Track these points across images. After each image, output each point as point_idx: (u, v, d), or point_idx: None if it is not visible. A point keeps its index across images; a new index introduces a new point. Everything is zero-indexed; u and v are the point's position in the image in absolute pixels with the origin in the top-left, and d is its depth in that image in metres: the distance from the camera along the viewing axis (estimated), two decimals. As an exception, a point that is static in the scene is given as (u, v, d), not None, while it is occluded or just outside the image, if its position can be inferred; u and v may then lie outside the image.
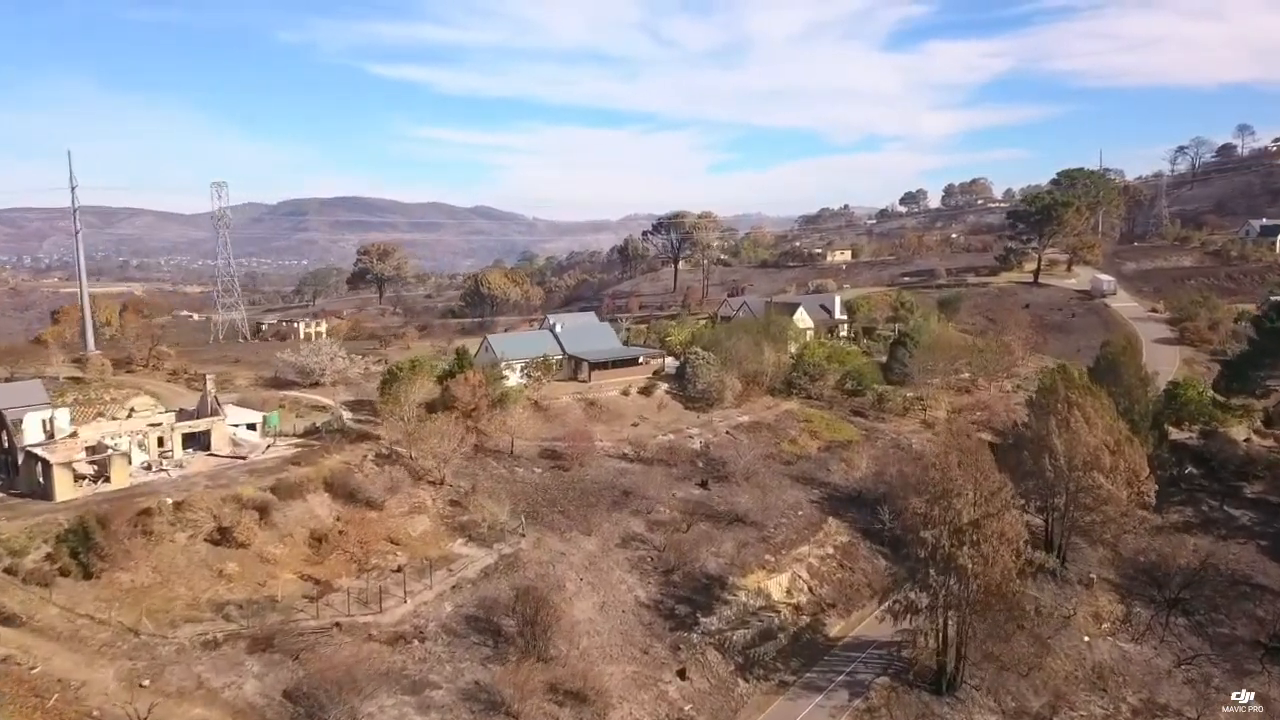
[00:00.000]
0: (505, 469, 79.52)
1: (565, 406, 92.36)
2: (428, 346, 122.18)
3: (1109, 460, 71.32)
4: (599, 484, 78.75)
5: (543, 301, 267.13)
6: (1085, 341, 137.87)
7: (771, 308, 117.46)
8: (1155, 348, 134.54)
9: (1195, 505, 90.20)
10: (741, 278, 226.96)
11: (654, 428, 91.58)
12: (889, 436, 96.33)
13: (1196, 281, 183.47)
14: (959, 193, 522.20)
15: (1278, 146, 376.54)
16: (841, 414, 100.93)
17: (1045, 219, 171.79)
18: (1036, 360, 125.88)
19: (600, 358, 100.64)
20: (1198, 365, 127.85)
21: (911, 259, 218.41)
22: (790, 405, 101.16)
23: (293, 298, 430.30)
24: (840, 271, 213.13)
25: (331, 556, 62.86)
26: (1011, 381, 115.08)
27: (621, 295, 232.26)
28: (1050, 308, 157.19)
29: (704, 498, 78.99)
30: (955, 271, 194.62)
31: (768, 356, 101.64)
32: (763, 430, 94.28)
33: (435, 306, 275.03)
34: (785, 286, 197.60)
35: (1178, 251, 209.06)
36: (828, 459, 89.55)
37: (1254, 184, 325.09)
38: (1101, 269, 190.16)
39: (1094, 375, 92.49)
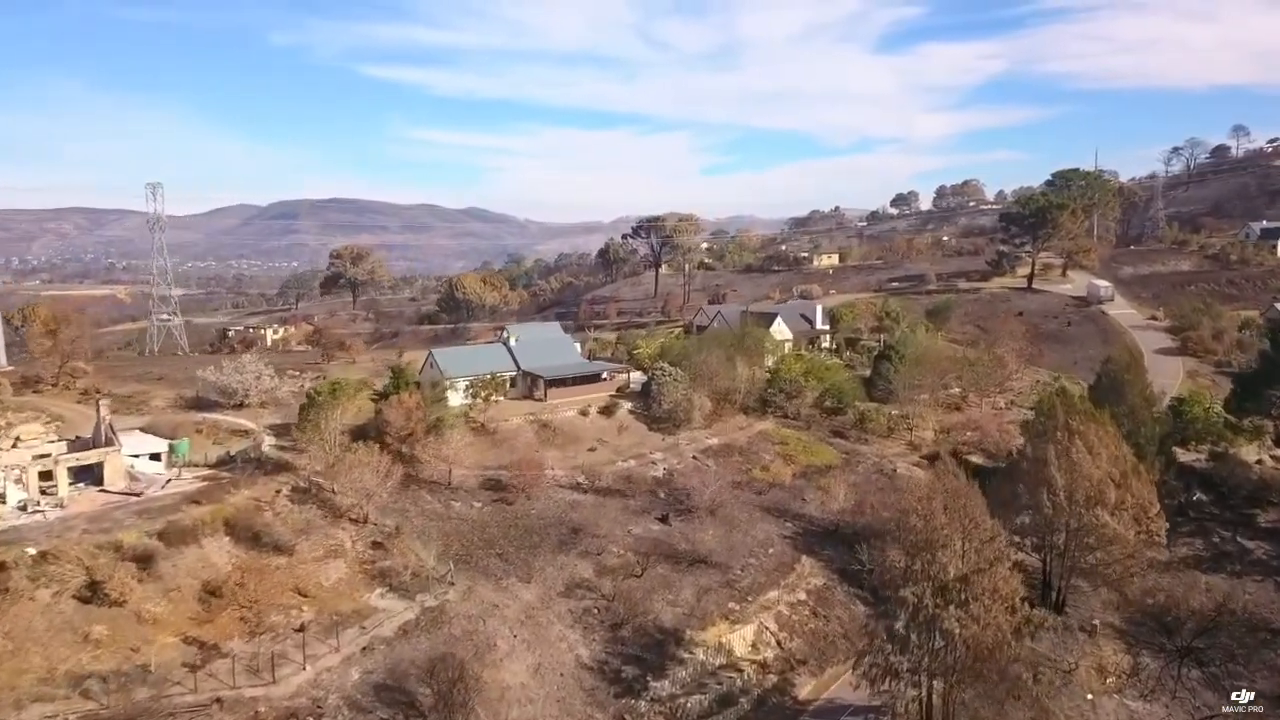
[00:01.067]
0: (441, 503, 71.35)
1: (515, 429, 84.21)
2: (376, 360, 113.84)
3: (1114, 495, 63.54)
4: (545, 520, 70.63)
5: (522, 306, 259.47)
6: (1083, 352, 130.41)
7: (747, 318, 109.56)
8: (1157, 359, 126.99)
9: (1205, 537, 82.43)
10: (725, 282, 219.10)
11: (613, 452, 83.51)
12: (871, 460, 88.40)
13: (1197, 287, 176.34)
14: (950, 194, 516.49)
15: (1273, 148, 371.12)
16: (820, 435, 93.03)
17: (1039, 221, 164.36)
18: (1031, 373, 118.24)
19: (558, 374, 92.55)
20: (1202, 378, 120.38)
21: (900, 263, 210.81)
22: (765, 425, 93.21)
23: (276, 301, 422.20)
24: (826, 276, 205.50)
25: (224, 614, 54.59)
26: (1005, 397, 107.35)
27: (601, 300, 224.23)
28: (1045, 315, 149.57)
29: (663, 535, 70.89)
30: (945, 276, 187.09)
31: (741, 372, 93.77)
32: (733, 454, 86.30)
33: (408, 312, 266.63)
34: (770, 292, 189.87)
35: (1176, 255, 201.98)
36: (803, 487, 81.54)
37: (1250, 185, 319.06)
38: (1098, 274, 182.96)
39: (1095, 394, 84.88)
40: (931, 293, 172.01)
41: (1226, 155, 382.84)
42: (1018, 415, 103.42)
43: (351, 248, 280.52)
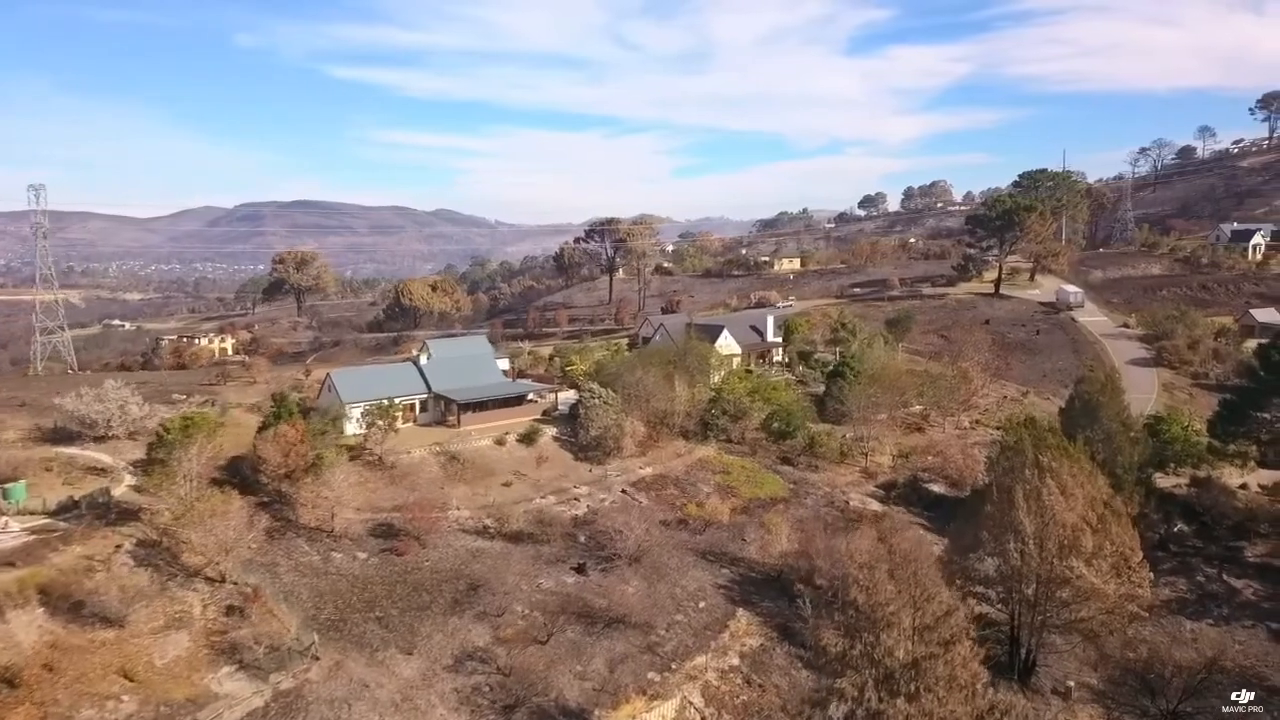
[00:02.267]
0: (319, 555, 61.68)
1: (418, 463, 74.69)
2: (281, 380, 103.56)
3: (1091, 542, 55.13)
4: (441, 573, 61.21)
5: (476, 311, 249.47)
6: (1052, 364, 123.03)
7: (691, 330, 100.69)
8: (1130, 370, 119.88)
9: (1189, 575, 74.53)
10: (683, 288, 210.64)
11: (531, 488, 74.22)
12: (822, 491, 79.75)
13: (1169, 292, 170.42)
14: (918, 196, 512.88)
15: (1238, 148, 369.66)
16: (767, 461, 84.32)
17: (1006, 224, 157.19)
18: (998, 388, 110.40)
19: (474, 396, 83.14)
20: (1179, 391, 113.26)
21: (864, 267, 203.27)
22: (706, 452, 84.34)
23: (233, 305, 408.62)
24: (787, 282, 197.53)
25: (20, 710, 44.66)
26: (969, 416, 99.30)
27: (553, 307, 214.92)
28: (1013, 323, 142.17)
29: (578, 588, 61.66)
30: (910, 281, 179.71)
31: (680, 393, 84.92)
32: (668, 486, 77.29)
33: (360, 319, 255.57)
34: (727, 298, 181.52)
35: (1146, 258, 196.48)
36: (744, 525, 72.63)
37: (1217, 187, 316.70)
38: (1067, 278, 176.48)
39: (1067, 418, 76.92)
40: (894, 299, 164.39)
41: (1192, 156, 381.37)
42: (983, 436, 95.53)
43: (295, 252, 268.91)
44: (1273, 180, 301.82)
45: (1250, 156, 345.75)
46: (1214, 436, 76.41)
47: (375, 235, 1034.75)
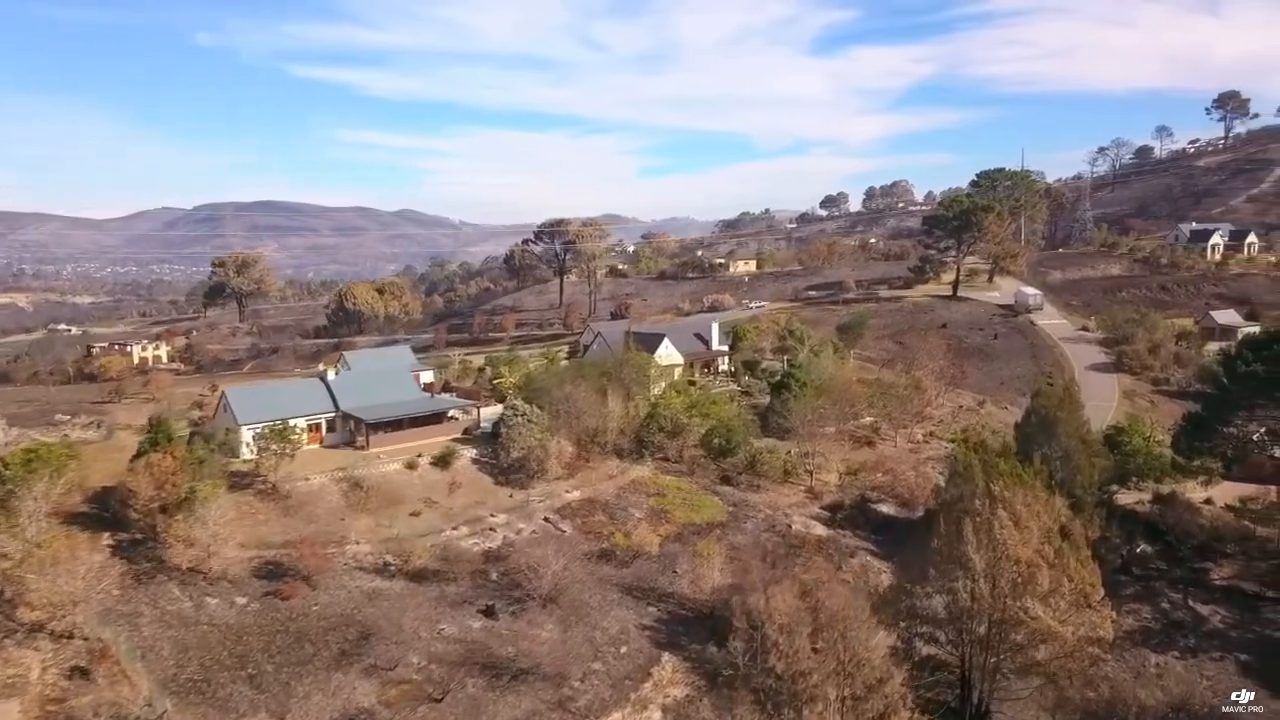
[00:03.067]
0: (191, 601, 54.85)
1: (317, 491, 67.95)
2: (185, 397, 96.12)
3: (1047, 579, 49.89)
4: (330, 620, 54.63)
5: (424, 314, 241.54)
6: (1010, 370, 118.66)
7: (630, 340, 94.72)
8: (1090, 377, 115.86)
9: (1153, 601, 69.74)
10: (636, 290, 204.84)
11: (442, 517, 67.79)
12: (763, 514, 74.10)
13: (1128, 293, 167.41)
14: (880, 196, 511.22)
15: (1195, 148, 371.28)
16: (706, 482, 78.54)
17: (963, 225, 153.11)
18: (953, 397, 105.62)
19: (386, 415, 76.49)
20: (1140, 399, 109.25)
21: (820, 269, 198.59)
22: (640, 472, 78.40)
23: (185, 308, 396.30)
24: (742, 284, 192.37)
25: None
26: (923, 428, 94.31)
27: (503, 310, 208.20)
28: (970, 327, 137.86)
29: (484, 634, 55.38)
30: (867, 284, 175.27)
31: (613, 408, 78.92)
32: (596, 513, 71.19)
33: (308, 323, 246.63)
34: (680, 302, 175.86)
35: (1105, 259, 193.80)
36: (677, 554, 66.71)
37: (1174, 186, 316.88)
38: (1026, 280, 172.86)
39: (1023, 435, 71.92)
40: (850, 302, 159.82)
41: (1150, 156, 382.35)
42: (937, 449, 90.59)
43: (236, 255, 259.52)
44: (1229, 180, 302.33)
45: (1207, 156, 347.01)
46: (1178, 452, 71.65)
47: (338, 236, 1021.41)
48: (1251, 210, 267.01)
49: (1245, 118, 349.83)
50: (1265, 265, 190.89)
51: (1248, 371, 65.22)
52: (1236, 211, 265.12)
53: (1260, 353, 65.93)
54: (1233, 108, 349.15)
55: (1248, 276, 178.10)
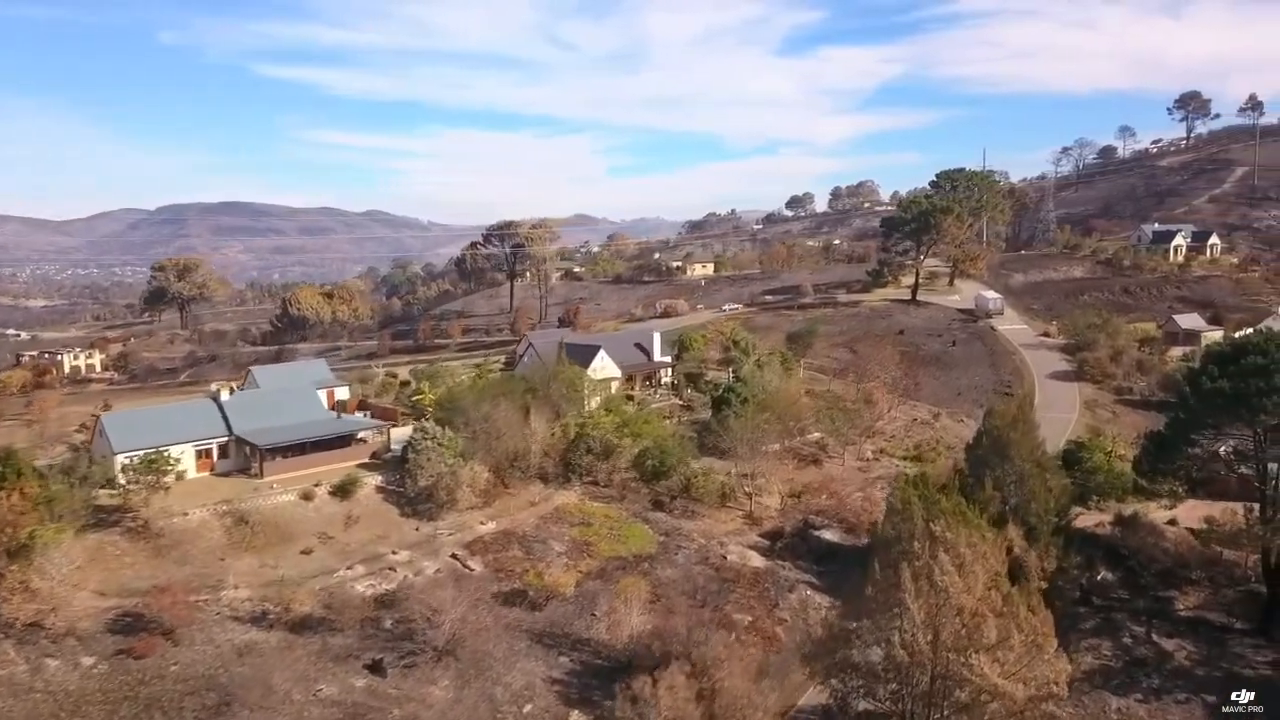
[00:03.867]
0: (28, 663, 48.06)
1: (195, 528, 61.23)
2: (68, 418, 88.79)
3: (994, 629, 44.38)
4: (189, 682, 48.07)
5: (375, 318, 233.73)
6: (968, 379, 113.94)
7: (563, 352, 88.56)
8: (1051, 386, 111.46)
9: (1114, 635, 64.80)
10: (590, 295, 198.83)
11: (336, 555, 61.37)
12: (696, 544, 68.35)
13: (1091, 296, 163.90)
14: (846, 196, 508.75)
15: (1157, 148, 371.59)
16: (637, 508, 72.71)
17: (922, 227, 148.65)
18: (908, 410, 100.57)
19: (283, 439, 69.81)
20: (1102, 409, 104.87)
21: (779, 273, 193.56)
22: (566, 499, 72.42)
23: (140, 312, 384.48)
24: (698, 288, 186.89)
25: None
26: (873, 444, 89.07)
27: (451, 315, 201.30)
28: (928, 333, 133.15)
29: (368, 695, 49.09)
30: (825, 288, 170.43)
31: (535, 429, 72.79)
32: (511, 546, 65.04)
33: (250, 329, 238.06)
34: (633, 307, 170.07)
35: (1068, 260, 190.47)
36: (598, 593, 60.77)
37: (1138, 186, 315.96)
38: (987, 283, 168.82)
39: (974, 458, 66.65)
40: (806, 307, 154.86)
41: (1113, 156, 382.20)
42: (888, 467, 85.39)
43: (177, 259, 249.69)
44: (1191, 180, 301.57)
45: (1169, 156, 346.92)
46: (1140, 474, 66.77)
47: (304, 237, 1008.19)
48: (1213, 210, 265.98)
49: (1206, 118, 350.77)
50: (1228, 267, 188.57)
51: (1213, 388, 60.23)
52: (1199, 212, 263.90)
53: (1226, 367, 60.98)
54: (1194, 108, 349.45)
55: (1210, 279, 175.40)
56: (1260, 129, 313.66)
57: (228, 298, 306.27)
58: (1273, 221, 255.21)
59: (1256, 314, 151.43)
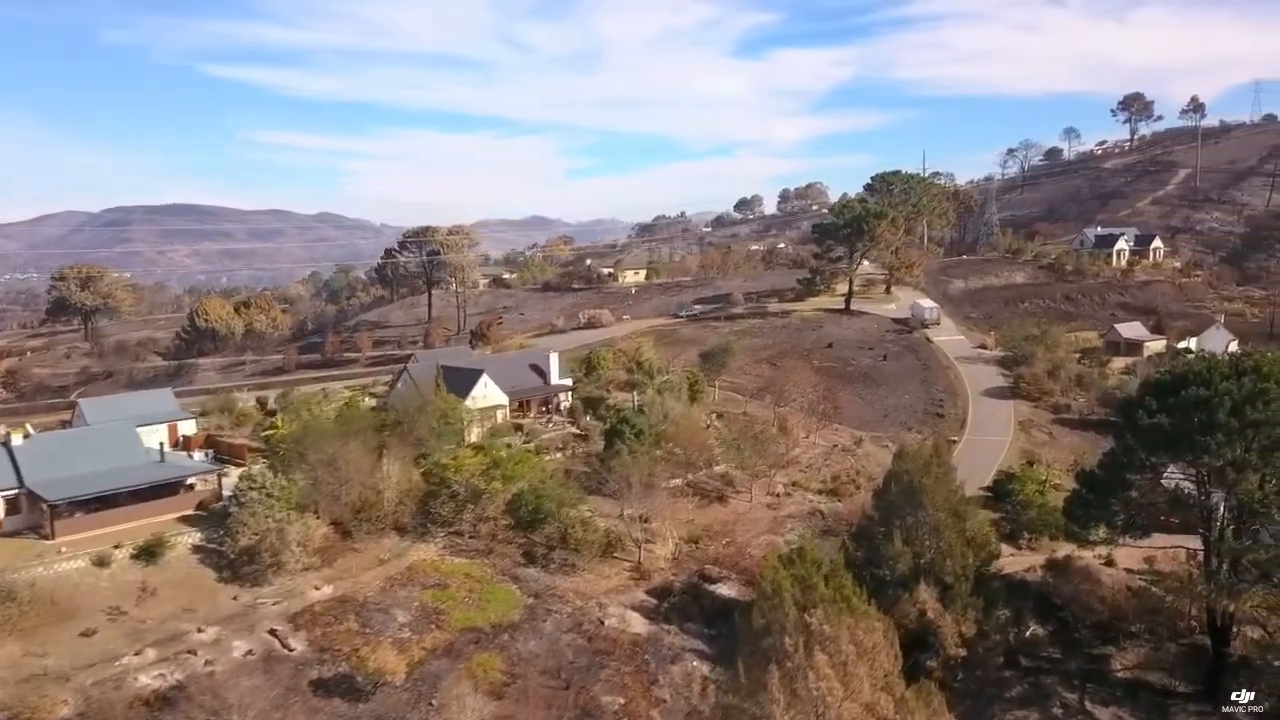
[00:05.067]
0: None
1: (-56, 610, 50.77)
2: None
3: (885, 743, 36.09)
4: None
5: (296, 328, 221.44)
6: (897, 398, 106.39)
7: (439, 377, 78.98)
8: (985, 405, 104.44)
9: (1044, 705, 57.08)
10: (514, 304, 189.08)
11: (127, 636, 51.35)
12: (571, 606, 59.39)
13: (1031, 304, 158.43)
14: (794, 198, 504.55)
15: (1102, 150, 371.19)
16: (506, 563, 63.53)
17: (855, 233, 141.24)
18: (829, 434, 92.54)
19: (85, 490, 59.50)
20: (1038, 430, 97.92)
21: (712, 280, 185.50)
22: (423, 554, 63.03)
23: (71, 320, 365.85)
24: (628, 297, 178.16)
25: None
26: (787, 475, 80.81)
27: (366, 326, 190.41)
28: (859, 345, 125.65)
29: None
30: (757, 296, 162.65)
31: (388, 473, 63.28)
32: (346, 618, 55.50)
33: (152, 341, 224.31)
34: (555, 317, 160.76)
35: (1010, 266, 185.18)
36: (441, 676, 51.48)
37: (1082, 188, 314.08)
38: (926, 290, 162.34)
39: (883, 504, 58.45)
40: (736, 317, 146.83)
41: (1059, 157, 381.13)
42: (800, 503, 77.19)
43: (79, 268, 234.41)
44: (1135, 181, 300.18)
45: (1114, 158, 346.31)
46: (1071, 519, 59.12)
47: (253, 240, 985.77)
48: (1157, 213, 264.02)
49: (1149, 120, 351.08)
50: (1170, 272, 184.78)
51: (1151, 424, 52.74)
52: (1142, 214, 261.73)
53: (1165, 399, 53.53)
54: (1137, 110, 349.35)
55: (1153, 284, 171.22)
56: (1202, 131, 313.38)
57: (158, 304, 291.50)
58: (1214, 224, 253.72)
59: (1200, 321, 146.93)
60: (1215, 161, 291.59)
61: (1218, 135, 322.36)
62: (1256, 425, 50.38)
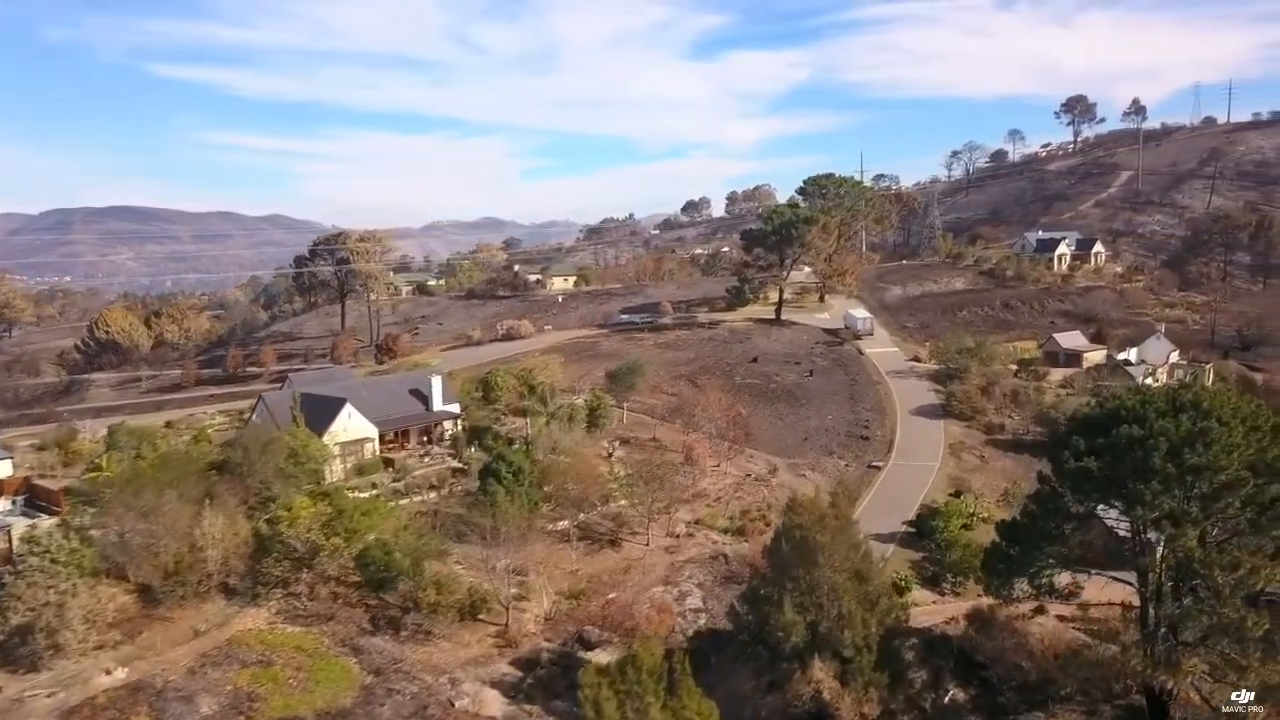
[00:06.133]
0: None
1: None
2: None
3: None
4: None
5: (213, 339, 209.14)
6: (820, 418, 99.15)
7: (296, 408, 69.72)
8: (915, 425, 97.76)
9: (962, 787, 49.92)
10: (435, 313, 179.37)
11: None
12: (418, 684, 50.84)
13: (969, 312, 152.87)
14: (742, 200, 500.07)
15: (1046, 152, 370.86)
16: (349, 629, 54.86)
17: (784, 239, 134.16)
18: (742, 462, 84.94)
19: None
20: (969, 453, 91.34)
21: (644, 288, 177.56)
22: (250, 623, 54.09)
23: None
24: (554, 305, 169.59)
25: None
26: (690, 513, 73.04)
27: (278, 337, 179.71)
28: (786, 359, 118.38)
29: None
30: (687, 306, 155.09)
31: (209, 530, 54.21)
32: (139, 708, 46.40)
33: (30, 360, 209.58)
34: (473, 329, 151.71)
35: (950, 271, 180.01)
36: (240, 784, 42.63)
37: (1026, 190, 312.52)
38: (862, 297, 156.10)
39: (774, 563, 50.73)
40: (662, 328, 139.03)
41: (1004, 159, 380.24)
42: (702, 545, 69.45)
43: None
44: (1078, 184, 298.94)
45: (1057, 160, 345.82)
46: (990, 573, 51.90)
47: (200, 243, 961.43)
48: (1099, 215, 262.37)
49: (1092, 122, 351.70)
50: (1111, 277, 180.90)
51: (1078, 468, 45.65)
52: (1085, 216, 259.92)
53: (1094, 438, 46.53)
54: (1080, 112, 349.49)
55: (1094, 290, 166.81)
56: (1143, 133, 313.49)
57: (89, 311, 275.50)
58: (1156, 226, 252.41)
59: (1141, 329, 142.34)
60: (1156, 164, 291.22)
61: (1159, 138, 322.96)
62: (1196, 471, 43.49)
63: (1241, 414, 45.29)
